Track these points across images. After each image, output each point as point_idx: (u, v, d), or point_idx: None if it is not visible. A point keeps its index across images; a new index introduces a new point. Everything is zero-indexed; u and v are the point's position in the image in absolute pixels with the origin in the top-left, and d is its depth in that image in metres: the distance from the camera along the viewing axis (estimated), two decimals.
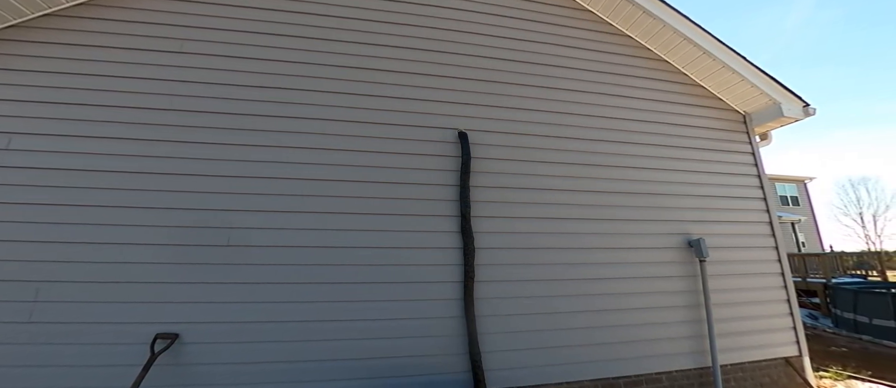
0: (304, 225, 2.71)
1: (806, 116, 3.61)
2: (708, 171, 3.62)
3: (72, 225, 2.47)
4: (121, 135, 2.67)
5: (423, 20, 3.37)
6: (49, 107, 2.65)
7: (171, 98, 2.79)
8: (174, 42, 2.91)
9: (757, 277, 3.44)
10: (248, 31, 3.03)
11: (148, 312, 2.40)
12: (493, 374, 2.65)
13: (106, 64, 2.79)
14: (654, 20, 3.57)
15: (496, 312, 2.79)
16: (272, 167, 2.78)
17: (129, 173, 2.61)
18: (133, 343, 2.33)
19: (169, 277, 2.47)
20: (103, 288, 2.40)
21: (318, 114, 2.96)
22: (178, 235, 2.55)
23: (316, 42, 3.11)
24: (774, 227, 3.61)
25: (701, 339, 3.12)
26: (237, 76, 2.92)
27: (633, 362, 2.94)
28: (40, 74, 2.70)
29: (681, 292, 3.20)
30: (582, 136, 3.41)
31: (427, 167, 3.01)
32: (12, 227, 2.42)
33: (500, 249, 2.94)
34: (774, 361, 3.27)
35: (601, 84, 3.61)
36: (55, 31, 2.79)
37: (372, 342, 2.58)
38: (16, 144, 2.56)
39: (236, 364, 2.41)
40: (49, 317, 2.32)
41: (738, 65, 3.57)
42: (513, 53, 3.49)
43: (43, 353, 2.27)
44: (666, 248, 3.28)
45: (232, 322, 2.46)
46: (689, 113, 3.77)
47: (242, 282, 2.54)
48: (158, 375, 2.28)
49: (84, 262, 2.42)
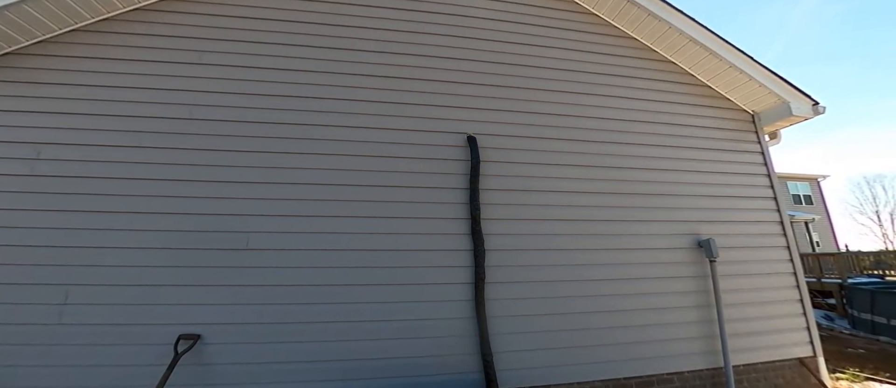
0: (319, 229, 2.78)
1: (815, 114, 3.60)
2: (717, 171, 3.62)
3: (98, 231, 2.58)
4: (142, 144, 2.79)
5: (431, 28, 3.45)
6: (76, 118, 2.78)
7: (191, 108, 2.91)
8: (193, 54, 3.02)
9: (769, 276, 3.42)
10: (264, 41, 3.13)
11: (171, 313, 2.50)
12: (505, 374, 2.68)
13: (129, 76, 2.91)
14: (660, 22, 3.60)
15: (507, 312, 2.83)
16: (288, 173, 2.87)
17: (151, 180, 2.72)
18: (157, 344, 2.42)
19: (191, 279, 2.56)
20: (128, 291, 2.50)
21: (333, 120, 3.05)
22: (198, 239, 2.65)
23: (329, 52, 3.21)
24: (785, 226, 3.59)
25: (712, 339, 3.11)
26: (253, 85, 3.02)
27: (644, 362, 2.95)
28: (68, 87, 2.83)
29: (691, 292, 3.20)
30: (591, 138, 3.44)
31: (437, 171, 3.07)
32: (43, 233, 2.54)
33: (510, 250, 2.98)
34: (788, 361, 3.24)
35: (608, 86, 3.65)
36: (81, 45, 2.92)
37: (386, 343, 2.64)
38: (46, 153, 2.68)
39: (256, 364, 2.48)
40: (78, 319, 2.43)
41: (745, 65, 3.58)
42: (520, 58, 3.55)
43: (72, 353, 2.38)
44: (676, 248, 3.29)
45: (252, 323, 2.54)
46: (698, 114, 3.77)
47: (261, 284, 2.62)
48: (182, 374, 2.37)
49: (111, 266, 2.53)
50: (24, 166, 2.63)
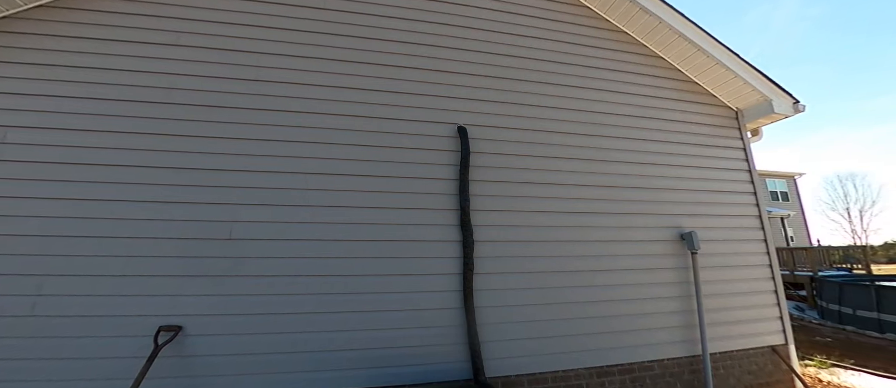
0: (304, 219, 2.73)
1: (796, 112, 3.71)
2: (701, 165, 3.70)
3: (73, 219, 2.47)
4: (119, 128, 2.66)
5: (422, 15, 3.38)
6: (45, 100, 2.63)
7: (169, 92, 2.78)
8: (171, 34, 2.89)
9: (746, 268, 3.55)
10: (247, 24, 3.01)
11: (151, 304, 2.42)
12: (492, 362, 2.72)
13: (103, 56, 2.76)
14: (651, 17, 3.62)
15: (495, 302, 2.86)
16: (272, 161, 2.79)
17: (128, 167, 2.61)
18: (137, 336, 2.35)
19: (171, 270, 2.49)
20: (106, 281, 2.41)
21: (318, 108, 2.97)
22: (179, 228, 2.56)
23: (316, 36, 3.11)
24: (764, 221, 3.72)
25: (692, 328, 3.22)
26: (234, 70, 2.91)
27: (627, 350, 3.03)
28: (35, 67, 2.67)
29: (673, 283, 3.29)
30: (580, 131, 3.46)
31: (427, 162, 3.05)
32: (13, 221, 2.41)
33: (498, 242, 3.00)
34: (761, 349, 3.39)
35: (599, 80, 3.66)
36: (49, 22, 2.75)
37: (372, 333, 2.63)
38: (12, 137, 2.53)
39: (239, 355, 2.44)
40: (52, 310, 2.33)
41: (731, 62, 3.65)
42: (511, 49, 3.52)
43: (46, 346, 2.29)
44: (659, 241, 3.37)
45: (234, 314, 2.49)
46: (683, 109, 3.84)
47: (244, 275, 2.56)
48: (163, 366, 2.31)
49: (86, 255, 2.43)
50: None
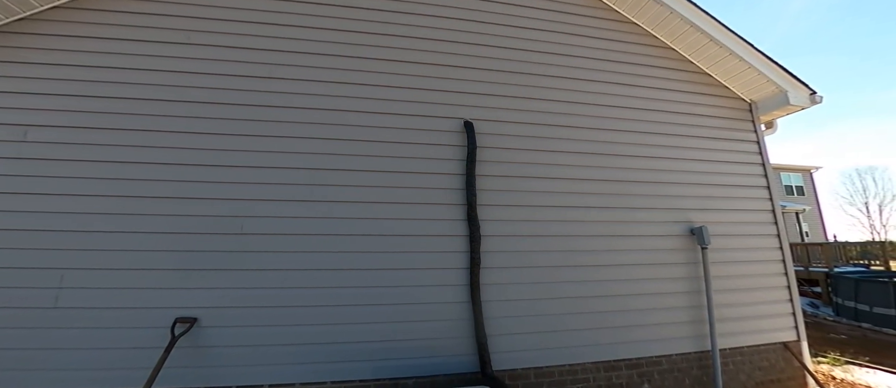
0: (313, 214, 2.77)
1: (812, 104, 3.60)
2: (712, 159, 3.63)
3: (93, 214, 2.55)
4: (136, 126, 2.73)
5: (429, 9, 3.36)
6: (63, 99, 2.70)
7: (182, 90, 2.84)
8: (181, 33, 2.93)
9: (758, 264, 3.49)
10: (256, 22, 3.04)
11: (167, 297, 2.50)
12: (499, 356, 2.74)
13: (118, 56, 2.82)
14: (662, 7, 3.54)
15: (502, 296, 2.87)
16: (283, 157, 2.83)
17: (146, 164, 2.68)
18: (154, 327, 2.43)
19: (187, 264, 2.56)
20: (124, 275, 2.50)
21: (328, 104, 2.99)
22: (194, 223, 2.63)
23: (324, 33, 3.13)
24: (777, 216, 3.64)
25: (701, 324, 3.19)
26: (245, 67, 2.95)
27: (635, 345, 3.02)
28: (53, 67, 2.74)
29: (682, 278, 3.26)
30: (588, 124, 3.43)
31: (434, 157, 3.05)
32: (36, 216, 2.50)
33: (505, 236, 3.00)
34: (773, 345, 3.35)
35: (607, 72, 3.61)
36: (65, 23, 2.82)
37: (381, 326, 2.67)
38: (33, 135, 2.62)
39: (252, 346, 2.51)
40: (74, 302, 2.42)
41: (745, 52, 3.55)
42: (518, 42, 3.49)
43: (69, 337, 2.38)
44: (669, 235, 3.33)
45: (248, 307, 2.56)
46: (695, 101, 3.76)
47: (257, 268, 2.62)
48: (179, 356, 2.39)
49: (106, 250, 2.51)
50: (11, 149, 2.58)
